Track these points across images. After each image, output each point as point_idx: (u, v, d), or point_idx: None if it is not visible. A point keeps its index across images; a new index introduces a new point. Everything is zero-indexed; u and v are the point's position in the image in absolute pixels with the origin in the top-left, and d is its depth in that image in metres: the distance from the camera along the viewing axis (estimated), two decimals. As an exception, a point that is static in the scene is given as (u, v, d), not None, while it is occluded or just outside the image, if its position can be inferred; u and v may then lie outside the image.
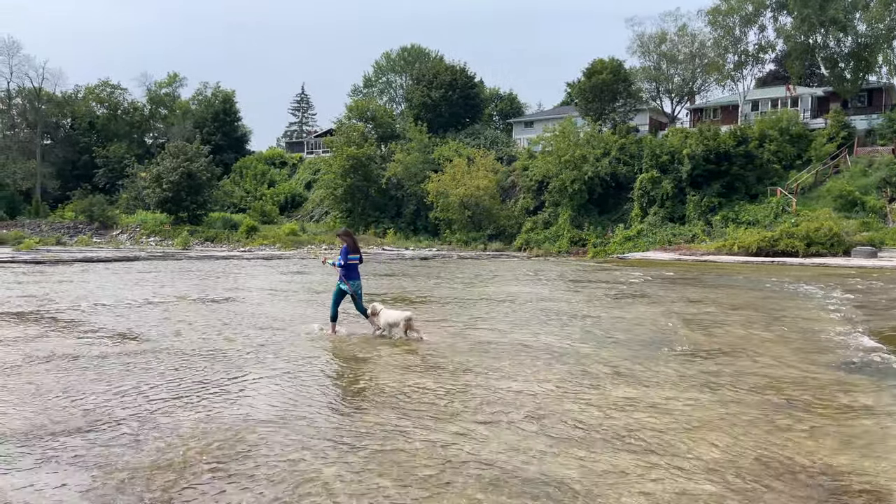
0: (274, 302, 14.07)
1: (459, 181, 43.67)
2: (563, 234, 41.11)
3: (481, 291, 16.77)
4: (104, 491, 4.16)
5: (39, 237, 40.71)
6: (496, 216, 44.28)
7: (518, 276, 22.78)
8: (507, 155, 49.83)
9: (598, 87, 44.50)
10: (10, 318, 11.32)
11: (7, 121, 57.19)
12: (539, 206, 44.69)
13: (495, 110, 64.10)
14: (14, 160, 52.49)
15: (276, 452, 4.83)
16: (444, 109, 53.67)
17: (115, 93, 61.40)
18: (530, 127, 56.11)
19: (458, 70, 55.54)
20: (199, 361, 7.95)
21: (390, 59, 70.15)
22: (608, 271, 25.12)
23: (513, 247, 42.48)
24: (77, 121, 58.77)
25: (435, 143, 50.05)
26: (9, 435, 5.18)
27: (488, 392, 6.55)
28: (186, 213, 46.37)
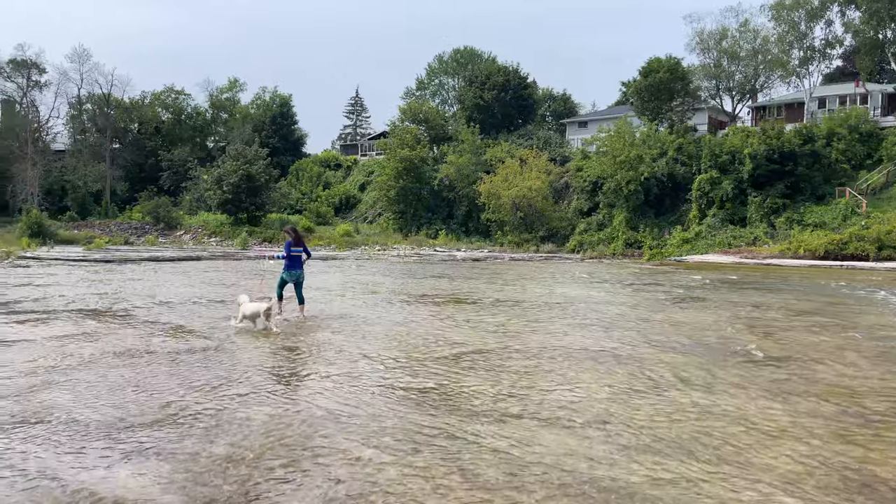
0: (334, 301, 14.33)
1: (511, 182, 43.49)
2: (618, 236, 40.41)
3: (535, 294, 16.66)
4: (184, 483, 4.34)
5: (109, 237, 42.67)
6: (549, 218, 43.89)
7: (572, 278, 22.54)
8: (560, 156, 49.33)
9: (654, 86, 43.57)
10: (86, 314, 11.90)
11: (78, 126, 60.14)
12: (593, 207, 44.06)
13: (548, 111, 63.55)
14: (85, 163, 55.14)
15: (344, 450, 4.93)
16: (497, 110, 53.54)
17: (179, 98, 63.77)
18: (584, 127, 55.36)
19: (511, 71, 55.32)
20: (265, 359, 8.18)
21: (443, 62, 70.49)
22: (666, 274, 24.57)
23: (566, 249, 42.01)
24: (144, 125, 61.29)
25: (487, 145, 49.98)
26: (92, 427, 5.46)
27: (549, 396, 6.51)
28: (245, 214, 47.73)
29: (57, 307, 12.76)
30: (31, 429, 5.38)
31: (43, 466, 4.59)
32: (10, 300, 13.75)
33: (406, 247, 42.12)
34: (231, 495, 4.14)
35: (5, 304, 13.01)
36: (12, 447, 4.95)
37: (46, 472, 4.48)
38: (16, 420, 5.58)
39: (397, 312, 12.66)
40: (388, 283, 19.87)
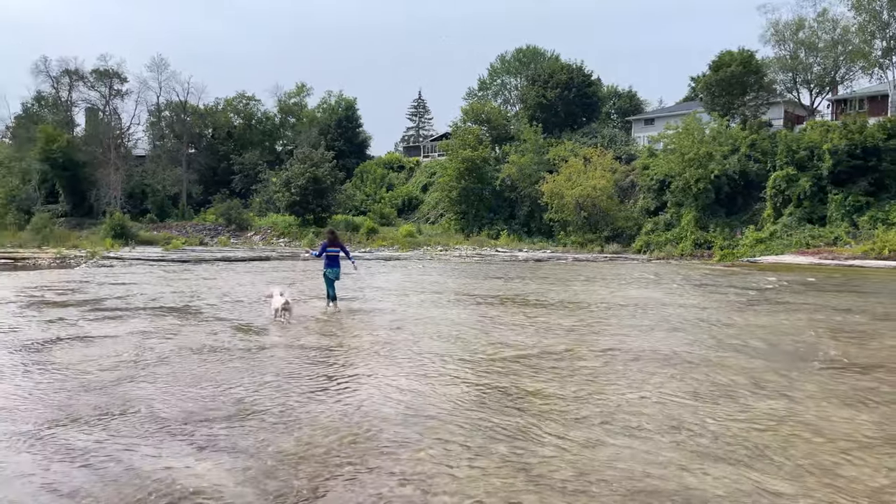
0: (397, 301, 14.48)
1: (575, 182, 42.80)
2: (687, 236, 39.13)
3: (601, 295, 16.34)
4: (255, 476, 4.46)
5: (185, 238, 44.65)
6: (614, 217, 42.96)
7: (639, 279, 21.98)
8: (625, 154, 48.21)
9: (726, 81, 41.93)
10: (164, 312, 12.47)
11: (157, 132, 63.20)
12: (660, 206, 42.83)
13: (613, 108, 62.24)
14: (163, 168, 57.88)
15: (409, 449, 4.96)
16: (560, 109, 52.85)
17: (250, 104, 66.03)
18: (650, 124, 53.90)
19: (575, 69, 54.49)
20: (330, 357, 8.34)
21: (505, 62, 70.17)
22: (738, 275, 23.61)
23: (631, 249, 41.00)
24: (217, 130, 63.79)
25: (550, 144, 49.39)
26: (170, 420, 5.70)
27: (618, 400, 6.36)
28: (312, 215, 48.92)
29: (138, 305, 13.43)
30: (114, 420, 5.66)
31: (126, 457, 4.82)
32: (95, 298, 14.56)
33: (467, 247, 42.14)
34: (300, 490, 4.23)
35: (91, 302, 13.78)
36: (97, 438, 5.22)
37: (129, 462, 4.71)
38: (100, 412, 5.89)
39: (460, 313, 12.67)
40: (451, 283, 19.93)
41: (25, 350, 8.67)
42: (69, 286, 17.28)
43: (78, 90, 60.20)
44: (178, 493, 4.19)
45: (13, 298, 14.41)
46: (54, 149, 52.10)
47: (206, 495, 4.15)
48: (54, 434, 5.30)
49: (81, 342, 9.20)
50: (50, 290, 16.37)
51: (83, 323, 10.90)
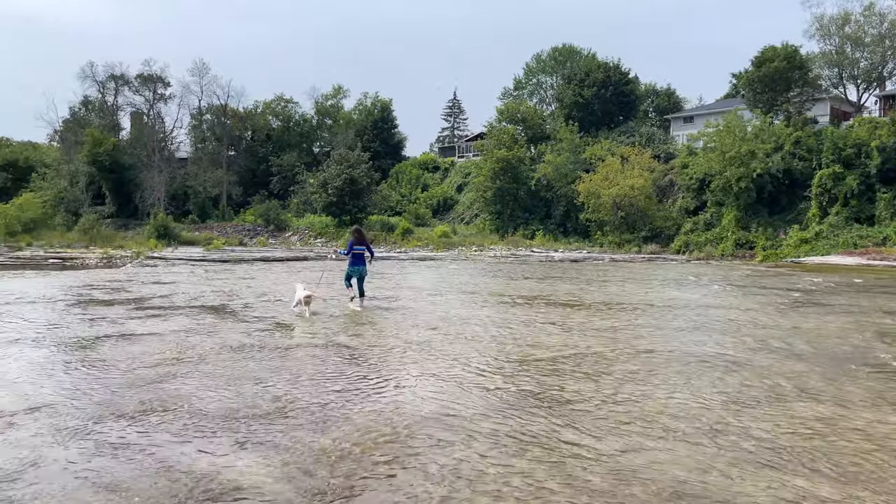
0: (432, 301, 14.51)
1: (612, 181, 42.26)
2: (728, 236, 38.27)
3: (639, 296, 16.08)
4: (294, 473, 4.52)
5: (225, 238, 45.59)
6: (652, 217, 42.28)
7: (678, 280, 21.57)
8: (664, 152, 47.40)
9: (769, 77, 40.87)
10: (205, 310, 12.73)
11: (199, 135, 64.63)
12: (700, 205, 41.98)
13: (651, 106, 61.25)
14: (204, 170, 59.17)
15: (444, 450, 4.95)
16: (597, 108, 52.24)
17: (287, 106, 67.05)
18: (690, 122, 52.89)
19: (612, 67, 53.80)
20: (366, 356, 8.40)
21: (541, 61, 69.69)
22: (782, 276, 22.98)
23: (670, 249, 40.29)
24: (256, 133, 64.95)
25: (586, 143, 48.86)
26: (211, 416, 5.81)
27: (657, 403, 6.24)
28: (349, 216, 49.41)
29: (180, 303, 13.75)
30: (158, 416, 5.80)
31: (169, 452, 4.93)
32: (140, 297, 14.96)
33: (502, 247, 41.98)
34: (337, 488, 4.27)
35: (136, 301, 14.17)
36: (141, 433, 5.36)
37: (172, 457, 4.81)
38: (145, 408, 6.05)
39: (495, 313, 12.62)
40: (485, 283, 19.88)
41: (73, 347, 8.95)
42: (115, 285, 17.80)
43: (123, 95, 62.05)
44: (219, 488, 4.27)
45: (62, 297, 14.91)
46: (101, 152, 53.75)
47: (246, 492, 4.22)
48: (100, 429, 5.46)
49: (126, 340, 9.46)
50: (97, 288, 16.89)
51: (128, 321, 11.20)
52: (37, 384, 6.92)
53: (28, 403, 6.18)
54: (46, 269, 25.05)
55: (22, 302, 13.87)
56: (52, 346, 9.04)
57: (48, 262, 28.95)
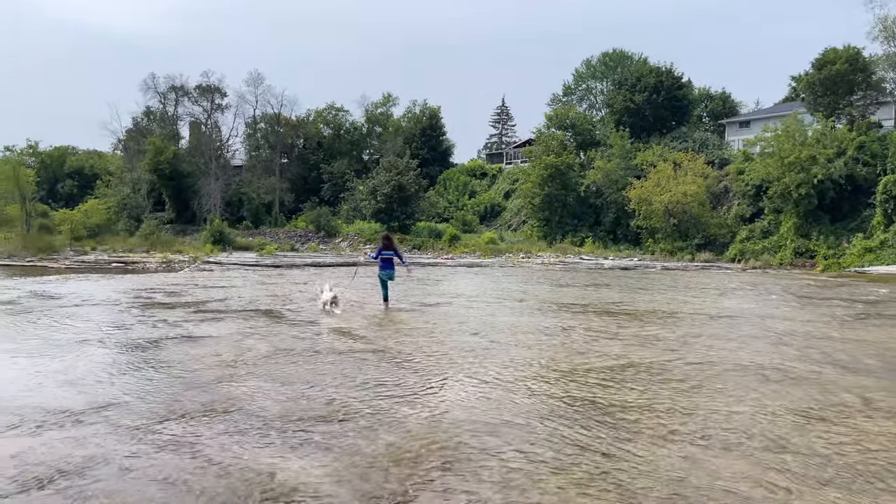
0: (481, 308, 14.50)
1: (664, 187, 41.37)
2: (786, 245, 36.91)
3: (693, 305, 15.69)
4: (349, 477, 4.59)
5: (277, 244, 46.59)
6: (705, 224, 41.16)
7: (734, 289, 20.95)
8: (718, 158, 46.14)
9: (830, 80, 39.33)
10: (260, 314, 13.06)
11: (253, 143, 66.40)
12: (756, 212, 40.65)
13: (705, 111, 59.75)
14: (258, 177, 60.74)
15: (497, 459, 4.94)
16: (648, 113, 51.29)
17: (338, 115, 68.24)
18: (746, 127, 51.35)
19: (664, 71, 52.77)
20: (417, 362, 8.45)
21: (591, 66, 68.92)
22: (844, 286, 22.05)
23: (724, 257, 39.12)
24: (308, 141, 66.32)
25: (637, 149, 48.00)
26: (268, 418, 5.95)
27: (715, 415, 6.08)
28: (397, 222, 49.86)
29: (236, 307, 14.14)
30: (217, 417, 5.98)
31: (229, 452, 5.07)
32: (198, 300, 15.45)
33: (550, 255, 41.59)
34: (392, 493, 4.31)
35: (194, 304, 14.64)
36: (203, 433, 5.53)
37: (232, 457, 4.95)
38: (206, 409, 6.24)
39: (545, 321, 12.52)
40: (534, 290, 19.74)
41: (136, 348, 9.32)
42: (174, 289, 18.43)
43: (183, 105, 64.30)
44: (278, 488, 4.37)
45: (125, 300, 15.53)
46: (161, 160, 55.81)
47: (303, 493, 4.31)
48: (163, 428, 5.66)
49: (186, 342, 9.79)
50: (157, 292, 17.53)
51: (187, 324, 11.59)
52: (104, 383, 7.23)
53: (95, 402, 6.46)
54: (110, 273, 26.14)
55: (88, 304, 14.52)
56: (118, 346, 9.43)
57: (111, 266, 30.21)
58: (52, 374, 7.60)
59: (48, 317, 12.25)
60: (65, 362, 8.26)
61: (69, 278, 22.36)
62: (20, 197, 47.51)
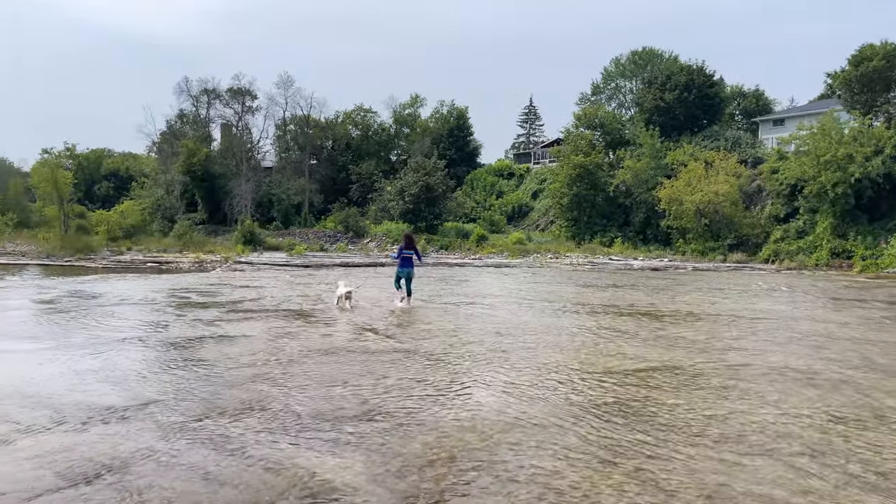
0: (509, 309, 14.50)
1: (695, 187, 40.78)
2: (822, 245, 36.10)
3: (727, 307, 15.47)
4: (385, 476, 4.65)
5: (307, 244, 47.12)
6: (738, 224, 40.47)
7: (769, 290, 20.57)
8: (751, 157, 45.32)
9: (867, 76, 38.35)
10: (293, 314, 13.24)
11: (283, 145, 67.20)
12: (791, 212, 39.83)
13: (737, 109, 58.75)
14: (288, 178, 61.48)
15: (532, 459, 4.96)
16: (679, 112, 50.59)
17: (367, 116, 68.68)
18: (780, 125, 50.39)
19: (695, 69, 51.99)
20: (448, 362, 8.50)
21: (619, 65, 68.28)
22: (883, 288, 21.49)
23: (758, 258, 38.42)
24: (337, 142, 66.87)
25: (668, 148, 47.40)
26: (304, 417, 6.06)
27: (751, 419, 6.01)
28: (424, 223, 50.02)
29: (269, 307, 14.36)
30: (254, 415, 6.10)
31: (267, 449, 5.18)
32: (231, 300, 15.73)
33: (579, 255, 41.31)
34: (428, 493, 4.36)
35: (228, 304, 14.91)
36: (241, 431, 5.65)
37: (270, 455, 5.06)
38: (243, 407, 6.37)
39: (575, 322, 12.47)
40: (563, 292, 19.65)
41: (175, 347, 9.53)
42: (208, 289, 18.78)
43: (215, 108, 65.35)
44: (316, 486, 4.45)
45: (162, 299, 15.88)
46: (194, 162, 56.83)
47: (341, 491, 4.38)
48: (203, 426, 5.80)
49: (222, 341, 9.98)
50: (192, 291, 17.88)
51: (222, 323, 11.82)
52: (145, 381, 7.43)
53: (137, 399, 6.64)
54: (145, 273, 26.74)
55: (127, 303, 14.89)
56: (157, 345, 9.66)
57: (146, 266, 30.89)
58: (95, 372, 7.82)
59: (89, 316, 12.60)
60: (107, 360, 8.50)
61: (107, 278, 22.93)
62: (58, 198, 48.83)
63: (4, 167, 69.26)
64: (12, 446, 5.26)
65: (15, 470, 4.77)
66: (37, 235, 45.77)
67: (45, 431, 5.63)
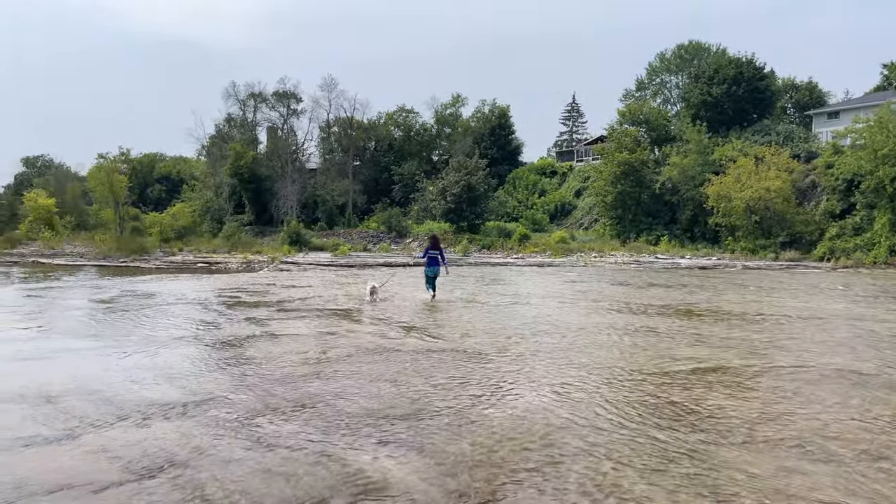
0: (555, 308, 14.40)
1: (745, 183, 39.66)
2: (881, 242, 34.65)
3: (779, 307, 15.02)
4: (436, 475, 4.69)
5: (350, 245, 47.75)
6: (790, 221, 39.19)
7: (824, 290, 19.88)
8: (804, 152, 43.82)
9: (930, 65, 36.69)
10: (339, 313, 13.45)
11: (327, 147, 68.27)
12: (847, 208, 38.35)
13: (790, 102, 56.91)
14: (332, 180, 62.44)
15: (582, 461, 4.93)
16: (727, 106, 49.29)
17: (408, 117, 69.19)
18: (835, 118, 48.60)
19: (744, 62, 50.56)
20: (496, 363, 8.50)
21: (664, 60, 66.92)
22: (949, 288, 20.51)
23: (812, 256, 37.12)
24: (379, 143, 67.60)
25: (715, 143, 46.24)
26: (355, 415, 6.16)
27: (810, 423, 5.84)
28: (466, 222, 50.07)
29: (316, 306, 14.62)
30: (306, 413, 6.24)
31: (319, 447, 5.29)
32: (279, 299, 16.07)
33: (624, 254, 40.68)
34: (480, 492, 4.39)
35: (277, 303, 15.23)
36: (293, 428, 5.79)
37: (322, 451, 5.17)
38: (295, 405, 6.52)
39: (623, 322, 12.30)
40: (609, 291, 19.40)
41: (228, 345, 9.80)
42: (256, 288, 19.22)
43: (261, 111, 66.86)
44: (369, 484, 4.53)
45: (213, 299, 16.33)
46: (242, 165, 58.25)
47: (393, 489, 4.45)
48: (259, 422, 5.96)
49: (272, 340, 10.22)
50: (242, 291, 18.33)
51: (271, 322, 12.09)
52: (202, 379, 7.66)
53: (195, 396, 6.87)
54: (196, 273, 27.52)
55: (181, 303, 15.37)
56: (211, 343, 9.96)
57: (197, 266, 31.79)
58: (154, 369, 8.11)
59: (145, 315, 13.06)
60: (164, 358, 8.80)
61: (160, 278, 23.69)
62: (114, 201, 50.67)
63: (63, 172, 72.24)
64: (78, 441, 5.50)
65: (81, 463, 5.00)
66: (94, 237, 47.57)
67: (109, 427, 5.87)
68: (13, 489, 4.51)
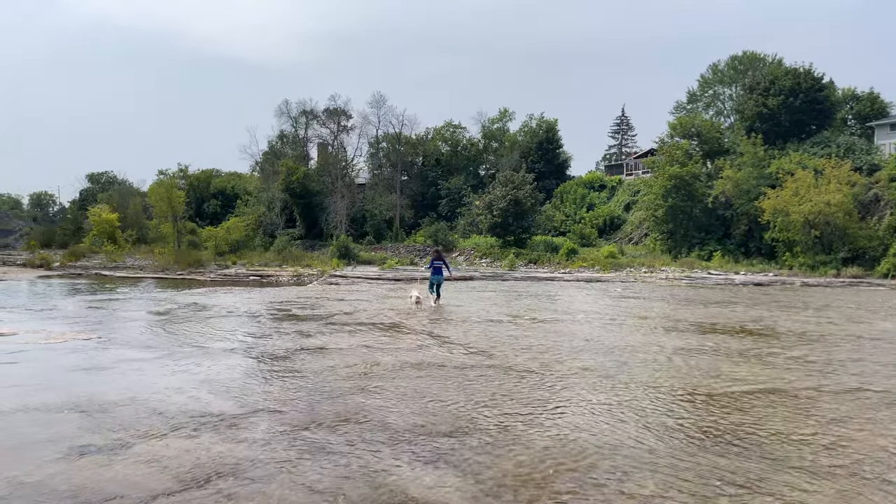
0: (602, 325, 14.15)
1: (804, 197, 38.27)
2: (951, 258, 32.88)
3: (841, 326, 14.36)
4: (478, 493, 4.65)
5: (398, 258, 48.21)
6: (853, 236, 37.56)
7: (890, 308, 18.92)
8: (867, 164, 42.03)
9: None
10: (386, 328, 13.54)
11: (375, 162, 69.36)
12: (914, 223, 36.58)
13: (850, 113, 54.78)
14: (380, 194, 63.35)
15: (630, 486, 4.81)
16: (784, 118, 47.80)
17: (455, 132, 69.66)
18: (900, 129, 46.55)
19: (802, 73, 49.01)
20: (541, 380, 8.39)
21: (717, 71, 65.51)
22: None
23: (875, 272, 35.45)
24: (427, 158, 68.26)
25: (771, 156, 44.85)
26: (399, 431, 6.17)
27: (871, 451, 5.54)
28: (513, 237, 49.89)
29: (363, 319, 14.77)
30: (352, 427, 6.28)
31: (364, 462, 5.32)
32: (328, 313, 16.30)
33: (675, 269, 39.72)
34: (523, 513, 4.32)
35: (325, 317, 15.45)
36: (338, 442, 5.83)
37: (366, 467, 5.19)
38: (341, 419, 6.58)
39: (675, 340, 11.99)
40: (659, 307, 18.95)
41: (278, 358, 9.99)
42: (306, 302, 19.56)
43: (312, 128, 68.53)
44: (407, 501, 4.52)
45: (264, 312, 16.70)
46: (293, 180, 59.69)
47: (436, 507, 4.42)
48: (305, 435, 6.03)
49: (320, 353, 10.36)
50: (292, 304, 18.68)
51: (320, 335, 12.26)
52: (251, 391, 7.82)
53: (244, 408, 7.01)
54: (248, 286, 28.20)
55: (233, 316, 15.76)
56: (261, 356, 10.16)
57: (249, 279, 32.58)
58: (205, 381, 8.33)
59: (200, 327, 13.45)
60: (216, 370, 9.03)
61: (215, 291, 24.38)
62: (172, 216, 52.56)
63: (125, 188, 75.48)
64: (130, 450, 5.68)
65: (132, 473, 5.15)
66: (153, 250, 49.41)
67: (160, 437, 6.04)
68: (69, 497, 4.68)
